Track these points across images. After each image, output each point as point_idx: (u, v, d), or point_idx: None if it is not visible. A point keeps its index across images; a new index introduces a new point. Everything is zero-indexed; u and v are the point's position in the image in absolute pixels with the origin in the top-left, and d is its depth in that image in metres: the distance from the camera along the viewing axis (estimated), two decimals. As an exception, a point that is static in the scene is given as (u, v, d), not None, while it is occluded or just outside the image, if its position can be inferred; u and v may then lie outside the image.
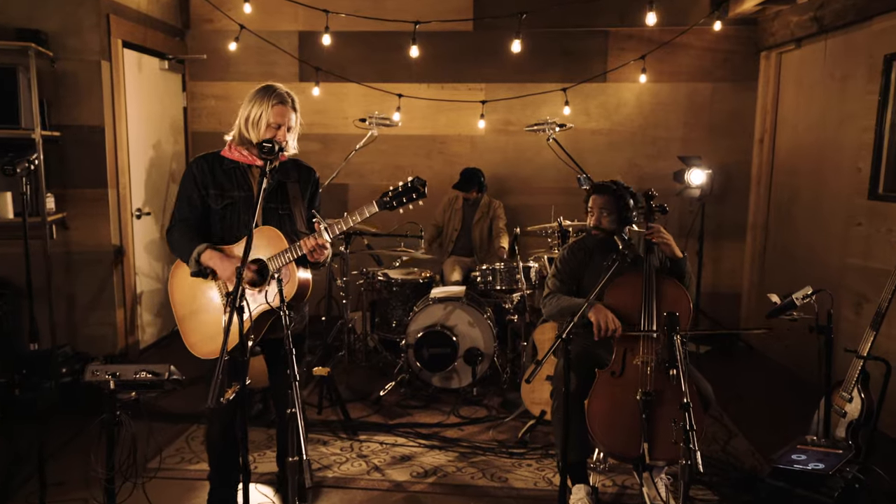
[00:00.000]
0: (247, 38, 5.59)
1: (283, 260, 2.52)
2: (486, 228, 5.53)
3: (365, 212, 2.49)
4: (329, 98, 5.95)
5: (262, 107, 2.56)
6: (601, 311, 2.89)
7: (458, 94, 5.89)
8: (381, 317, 5.10)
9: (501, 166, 5.97)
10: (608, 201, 3.17)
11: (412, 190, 2.46)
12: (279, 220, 2.66)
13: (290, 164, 2.76)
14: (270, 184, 2.65)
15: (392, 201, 2.46)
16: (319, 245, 2.49)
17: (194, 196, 2.62)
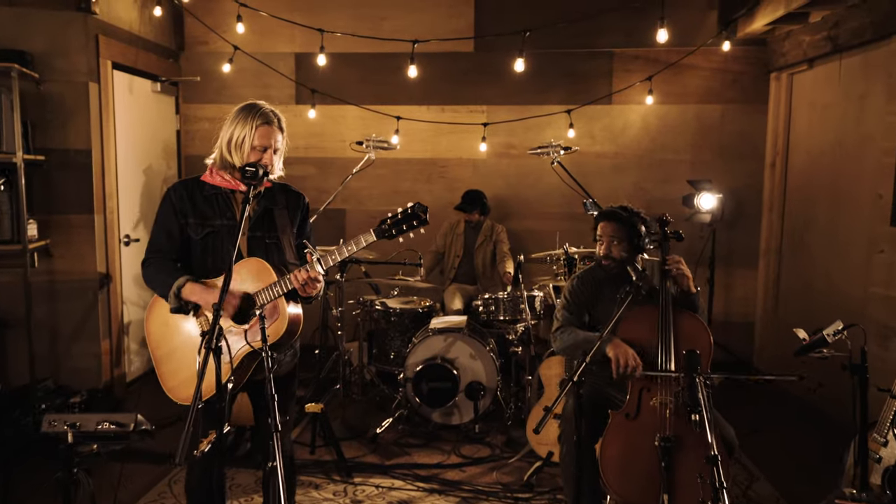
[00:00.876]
0: (242, 60, 5.45)
1: (272, 294, 2.31)
2: (489, 253, 5.32)
3: (361, 241, 2.28)
4: (326, 121, 5.79)
5: (246, 128, 2.37)
6: (620, 347, 2.66)
7: (458, 116, 5.73)
8: (379, 348, 4.87)
9: (504, 191, 5.78)
10: (618, 229, 2.96)
11: (412, 217, 2.25)
12: (266, 249, 2.46)
13: (278, 190, 2.56)
14: (256, 211, 2.45)
15: (391, 229, 2.26)
16: (311, 278, 2.28)
17: (172, 225, 2.42)
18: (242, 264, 2.35)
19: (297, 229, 2.58)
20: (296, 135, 5.86)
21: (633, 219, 2.96)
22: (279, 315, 2.32)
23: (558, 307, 3.08)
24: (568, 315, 3.01)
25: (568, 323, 2.99)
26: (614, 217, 2.98)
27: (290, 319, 2.34)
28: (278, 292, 2.30)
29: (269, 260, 2.40)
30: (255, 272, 2.33)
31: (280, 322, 2.31)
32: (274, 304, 2.32)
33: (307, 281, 2.27)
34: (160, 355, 2.41)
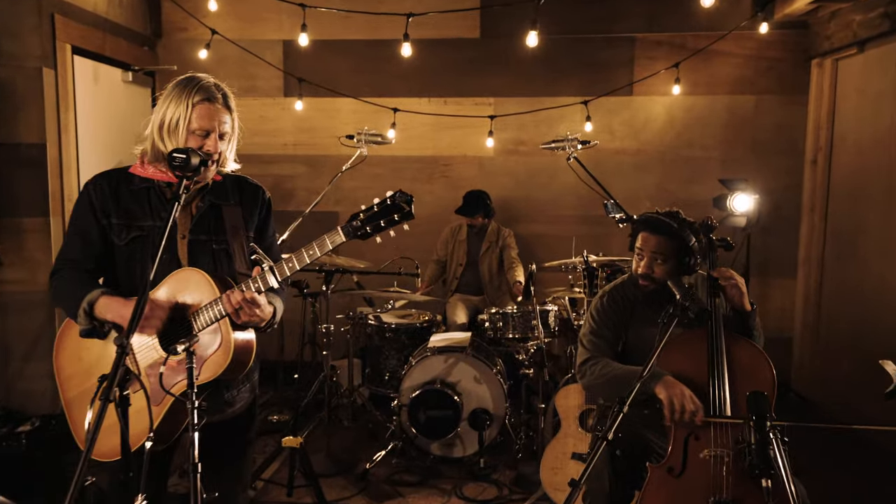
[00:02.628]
0: (225, 48, 4.95)
1: (211, 316, 1.78)
2: (495, 260, 4.78)
3: (326, 243, 1.75)
4: (317, 115, 5.27)
5: (181, 106, 1.85)
6: (674, 387, 2.11)
7: (462, 109, 5.20)
8: (373, 367, 4.34)
9: (513, 191, 5.24)
10: (665, 244, 2.40)
11: (392, 209, 1.72)
12: (213, 257, 1.94)
13: (230, 184, 2.04)
14: (200, 208, 1.93)
15: (364, 226, 1.72)
16: (248, 301, 1.75)
17: (90, 228, 1.89)
18: (174, 276, 1.83)
19: (257, 232, 2.05)
20: (284, 130, 5.35)
21: (685, 231, 2.40)
22: (222, 343, 1.79)
23: (584, 332, 2.53)
24: (597, 342, 2.46)
25: (599, 352, 2.43)
26: (662, 229, 2.41)
27: (238, 348, 1.80)
28: (220, 312, 1.77)
29: (216, 270, 1.88)
30: (191, 286, 1.80)
31: (222, 353, 1.78)
32: (215, 327, 1.79)
33: (242, 304, 1.74)
34: (71, 398, 1.88)
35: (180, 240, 1.91)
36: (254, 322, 1.81)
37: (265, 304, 1.82)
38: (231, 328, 1.79)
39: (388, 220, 1.70)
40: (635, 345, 2.46)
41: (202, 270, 1.82)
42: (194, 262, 1.89)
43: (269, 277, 1.77)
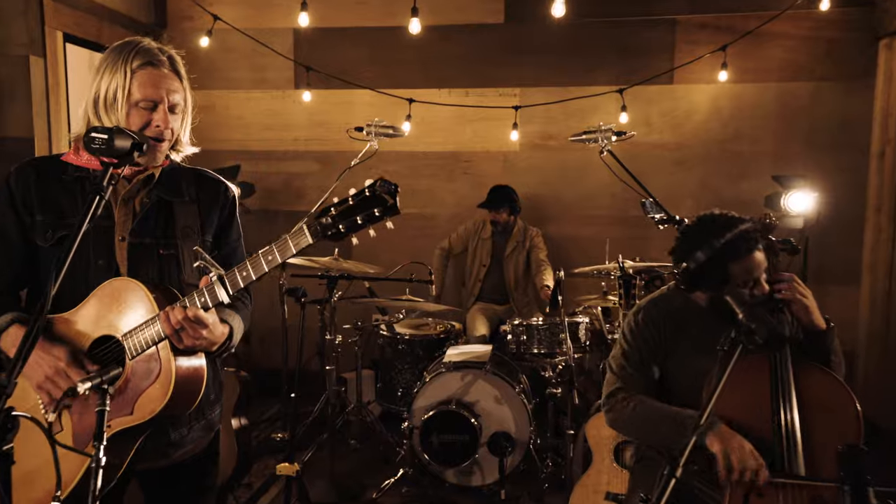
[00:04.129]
0: (233, 39, 4.65)
1: (147, 339, 1.43)
2: (521, 262, 4.36)
3: (289, 246, 1.38)
4: (330, 108, 4.92)
5: (117, 75, 1.51)
6: (731, 440, 1.69)
7: (486, 100, 4.79)
8: (385, 382, 3.97)
9: (540, 189, 4.81)
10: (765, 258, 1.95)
11: (373, 202, 1.33)
12: (158, 265, 1.59)
13: (185, 176, 1.68)
14: (144, 204, 1.59)
15: (336, 224, 1.34)
16: (191, 319, 1.39)
17: (8, 225, 1.55)
18: (103, 289, 1.48)
19: (216, 237, 1.69)
20: (295, 125, 5.02)
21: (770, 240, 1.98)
22: (160, 373, 1.42)
23: (615, 353, 2.11)
24: (629, 369, 2.03)
25: (630, 382, 2.01)
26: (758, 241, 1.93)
27: (181, 378, 1.43)
28: (157, 335, 1.41)
29: (162, 281, 1.53)
30: (122, 302, 1.45)
31: (160, 386, 1.42)
32: (152, 353, 1.43)
33: (183, 324, 1.38)
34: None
35: (119, 242, 1.55)
36: (200, 346, 1.45)
37: (215, 322, 1.46)
38: (172, 354, 1.43)
39: (366, 215, 1.32)
40: (676, 376, 2.03)
41: (139, 281, 1.46)
42: (135, 271, 1.54)
43: (217, 290, 1.40)
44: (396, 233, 4.22)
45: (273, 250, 1.38)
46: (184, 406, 1.49)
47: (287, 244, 1.36)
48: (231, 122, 4.97)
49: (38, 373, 1.42)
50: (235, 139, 4.96)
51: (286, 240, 1.36)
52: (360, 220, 1.31)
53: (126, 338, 1.44)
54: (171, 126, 1.55)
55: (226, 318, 1.55)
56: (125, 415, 1.41)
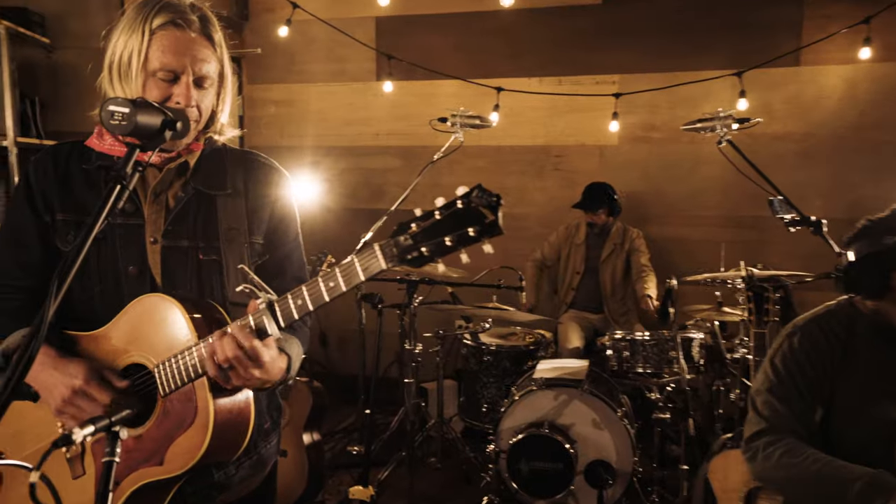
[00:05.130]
0: (314, 30, 4.48)
1: (181, 373, 1.15)
2: (619, 267, 3.93)
3: (357, 271, 1.05)
4: (412, 100, 4.65)
5: (134, 36, 1.24)
6: None
7: (581, 88, 4.38)
8: (468, 396, 3.65)
9: (641, 186, 4.35)
10: None
11: (467, 217, 0.99)
12: (198, 273, 1.32)
13: (229, 161, 1.41)
14: (179, 198, 1.33)
15: (418, 245, 1.01)
16: (247, 354, 1.11)
17: (26, 227, 1.32)
18: (133, 308, 1.22)
19: (267, 237, 1.40)
20: (376, 118, 4.78)
21: None
22: (196, 416, 1.15)
23: (760, 386, 1.69)
24: (780, 407, 1.61)
25: (780, 424, 1.59)
26: None
27: (221, 423, 1.15)
28: (193, 369, 1.14)
29: (202, 294, 1.26)
30: (154, 324, 1.18)
31: (197, 433, 1.14)
32: (187, 392, 1.15)
33: (234, 362, 1.10)
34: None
35: (150, 245, 1.30)
36: (250, 386, 1.16)
37: (273, 357, 1.16)
38: (211, 393, 1.15)
39: (457, 235, 0.99)
40: (846, 415, 1.58)
41: (176, 300, 1.19)
42: (171, 280, 1.28)
43: (266, 321, 1.11)
44: None
45: (336, 276, 1.07)
46: (226, 453, 1.21)
47: (354, 269, 1.05)
48: (310, 116, 4.80)
49: (54, 395, 1.18)
50: (314, 134, 4.79)
51: (353, 263, 1.05)
52: (450, 242, 0.98)
53: (159, 369, 1.18)
54: (195, 103, 1.26)
55: (284, 346, 1.26)
56: (154, 464, 1.14)
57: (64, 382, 1.17)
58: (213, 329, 1.17)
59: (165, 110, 1.10)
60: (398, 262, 1.03)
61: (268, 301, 1.13)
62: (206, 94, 1.29)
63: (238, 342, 1.11)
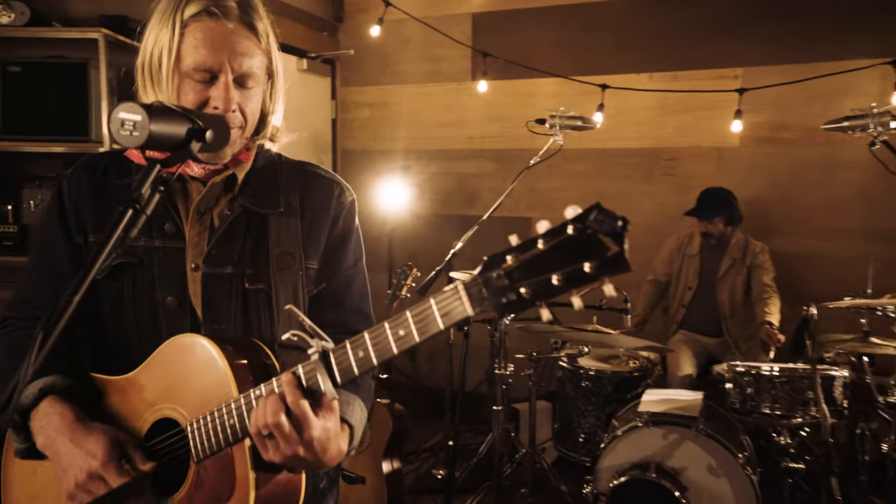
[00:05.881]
0: (409, 29, 4.33)
1: (219, 432, 0.96)
2: (740, 285, 3.48)
3: (435, 318, 0.82)
4: (509, 101, 4.38)
5: (164, 31, 1.06)
6: None
7: (698, 84, 3.94)
8: (563, 422, 3.34)
9: (768, 193, 3.85)
10: None
11: (579, 248, 0.74)
12: (243, 306, 1.13)
13: (283, 174, 1.22)
14: (224, 217, 1.14)
15: (516, 284, 0.77)
16: (295, 415, 0.91)
17: (57, 250, 1.16)
18: (164, 351, 1.03)
19: (324, 262, 1.19)
20: (470, 120, 4.54)
21: None
22: (235, 491, 0.94)
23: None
24: None
25: None
26: None
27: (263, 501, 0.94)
28: (232, 432, 0.94)
29: (248, 331, 1.07)
30: (187, 372, 1.00)
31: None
32: (224, 460, 0.95)
33: (273, 428, 0.90)
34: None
35: (191, 272, 1.11)
36: (299, 467, 0.95)
37: (327, 429, 0.93)
38: (251, 460, 0.94)
39: (568, 273, 0.74)
40: None
41: (213, 339, 1.00)
42: (213, 313, 1.09)
43: (319, 376, 0.89)
44: None
45: (408, 323, 0.83)
46: None
47: (431, 315, 0.82)
48: (403, 119, 4.64)
49: (68, 477, 1.00)
50: (406, 137, 4.62)
51: (430, 308, 0.82)
52: (558, 281, 0.73)
53: (192, 427, 0.99)
54: (236, 106, 1.07)
55: (345, 411, 1.04)
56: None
57: (80, 464, 0.99)
58: (258, 379, 0.97)
59: (192, 116, 0.91)
60: (489, 305, 0.79)
61: (321, 351, 0.91)
62: (251, 95, 1.09)
63: (283, 402, 0.90)
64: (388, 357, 0.86)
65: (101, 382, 1.11)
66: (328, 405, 0.93)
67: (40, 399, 1.05)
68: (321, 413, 0.92)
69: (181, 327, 1.09)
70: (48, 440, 1.02)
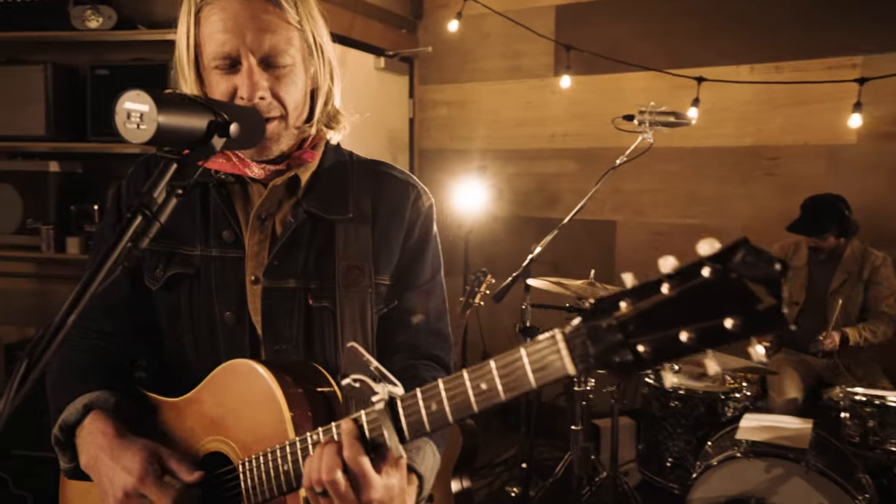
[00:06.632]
0: (489, 24, 4.20)
1: (272, 477, 0.84)
2: (856, 301, 3.11)
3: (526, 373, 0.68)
4: (593, 97, 4.13)
5: (184, 17, 0.95)
6: None
7: (809, 76, 3.56)
8: (649, 444, 3.08)
9: (889, 196, 3.42)
10: None
11: (721, 295, 0.56)
12: (306, 326, 1.01)
13: (353, 175, 1.09)
14: (287, 224, 1.03)
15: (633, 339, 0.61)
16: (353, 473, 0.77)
17: None
18: (221, 375, 0.94)
19: (397, 277, 1.06)
20: (552, 118, 4.32)
21: None
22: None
23: None
24: None
25: None
26: None
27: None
28: (284, 479, 0.82)
29: (310, 352, 0.99)
30: (241, 399, 0.90)
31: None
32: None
33: (328, 485, 0.77)
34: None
35: (250, 285, 1.00)
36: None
37: (391, 487, 0.80)
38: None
39: (702, 328, 0.57)
40: None
41: (270, 368, 0.88)
42: (274, 332, 0.99)
43: (384, 430, 0.76)
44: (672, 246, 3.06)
45: (492, 375, 0.69)
46: None
47: (521, 370, 0.67)
48: (482, 117, 4.48)
49: (108, 497, 0.92)
50: (484, 136, 4.46)
51: (520, 360, 0.68)
52: (688, 338, 0.58)
53: (244, 467, 0.88)
54: (266, 92, 0.93)
55: (414, 459, 0.91)
56: None
57: (117, 482, 0.91)
58: (317, 417, 0.85)
59: (214, 107, 0.78)
60: (595, 364, 0.63)
61: (388, 399, 0.77)
62: (288, 78, 0.96)
63: (340, 456, 0.77)
64: (466, 414, 0.72)
65: (154, 403, 1.03)
66: (393, 460, 0.80)
67: (85, 415, 0.97)
68: (384, 469, 0.79)
69: (240, 344, 0.99)
70: (90, 458, 0.95)
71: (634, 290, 0.61)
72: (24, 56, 3.14)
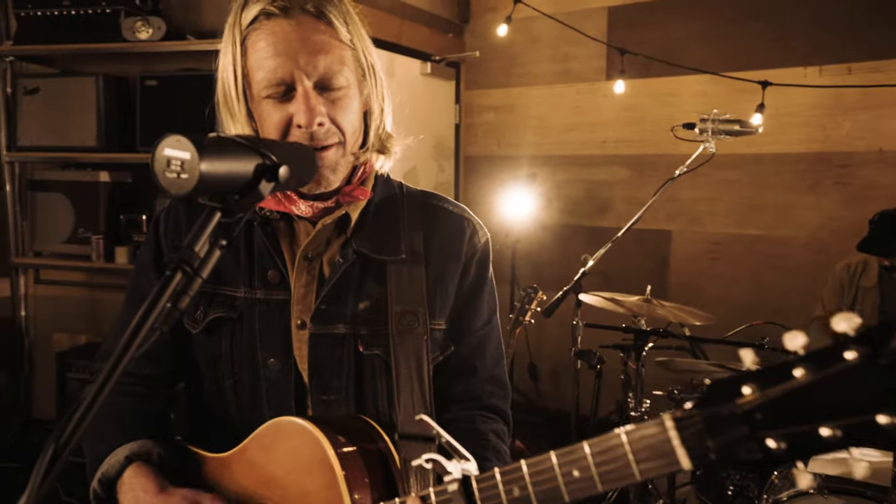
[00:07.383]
0: (538, 27, 4.09)
1: None
2: (933, 326, 2.86)
3: (629, 463, 0.58)
4: (647, 102, 3.98)
5: (228, 45, 0.88)
6: None
7: (883, 78, 3.34)
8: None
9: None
10: None
11: (871, 382, 0.47)
12: (356, 376, 0.94)
13: (403, 210, 1.02)
14: (336, 265, 0.96)
15: (760, 433, 0.51)
16: None
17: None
18: (267, 433, 0.87)
19: (453, 322, 0.98)
20: (603, 123, 4.18)
21: None
22: None
23: None
24: None
25: None
26: None
27: None
28: None
29: (361, 406, 0.92)
30: (289, 460, 0.83)
31: None
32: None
33: None
34: None
35: (296, 330, 0.93)
36: None
37: None
38: None
39: (851, 425, 0.48)
40: None
41: (322, 429, 0.81)
42: (322, 381, 0.92)
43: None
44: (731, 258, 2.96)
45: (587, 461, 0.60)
46: None
47: (623, 458, 0.58)
48: (530, 122, 4.37)
49: None
50: (532, 143, 4.35)
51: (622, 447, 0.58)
52: (831, 436, 0.49)
53: None
54: (324, 117, 0.86)
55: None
56: None
57: None
58: (374, 486, 0.78)
59: (262, 149, 0.70)
60: (716, 459, 0.53)
61: (462, 478, 0.68)
62: (344, 101, 0.89)
63: None
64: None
65: (198, 458, 0.96)
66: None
67: (126, 466, 0.92)
68: None
69: (284, 394, 0.92)
70: (126, 499, 0.89)
71: (760, 374, 0.51)
72: (77, 67, 3.16)
